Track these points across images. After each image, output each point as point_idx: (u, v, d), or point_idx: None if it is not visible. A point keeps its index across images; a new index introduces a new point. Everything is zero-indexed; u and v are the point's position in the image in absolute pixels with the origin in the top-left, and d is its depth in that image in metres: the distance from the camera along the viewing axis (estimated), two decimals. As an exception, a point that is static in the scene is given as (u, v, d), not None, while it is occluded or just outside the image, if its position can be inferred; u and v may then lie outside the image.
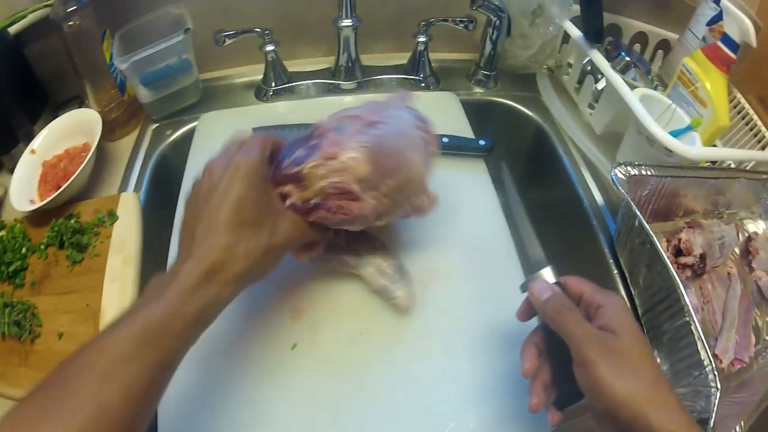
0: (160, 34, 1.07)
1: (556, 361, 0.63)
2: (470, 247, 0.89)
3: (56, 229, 0.98)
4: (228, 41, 1.08)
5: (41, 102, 1.22)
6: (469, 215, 0.91)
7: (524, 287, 0.67)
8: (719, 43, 0.96)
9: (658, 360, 0.78)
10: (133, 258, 0.95)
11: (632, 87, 0.96)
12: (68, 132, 1.13)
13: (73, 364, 0.52)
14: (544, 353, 0.65)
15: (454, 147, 1.00)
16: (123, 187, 1.09)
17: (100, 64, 1.12)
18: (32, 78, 1.19)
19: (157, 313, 0.54)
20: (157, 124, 1.21)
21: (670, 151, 0.88)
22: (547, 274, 0.65)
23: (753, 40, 0.92)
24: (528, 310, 0.68)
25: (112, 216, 1.01)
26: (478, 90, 1.20)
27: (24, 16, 1.10)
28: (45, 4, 1.10)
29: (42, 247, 0.99)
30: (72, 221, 1.00)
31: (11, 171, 1.08)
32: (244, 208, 0.62)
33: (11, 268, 0.96)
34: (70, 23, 1.01)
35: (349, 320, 0.82)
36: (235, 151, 0.66)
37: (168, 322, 0.55)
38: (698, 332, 0.72)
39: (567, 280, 0.65)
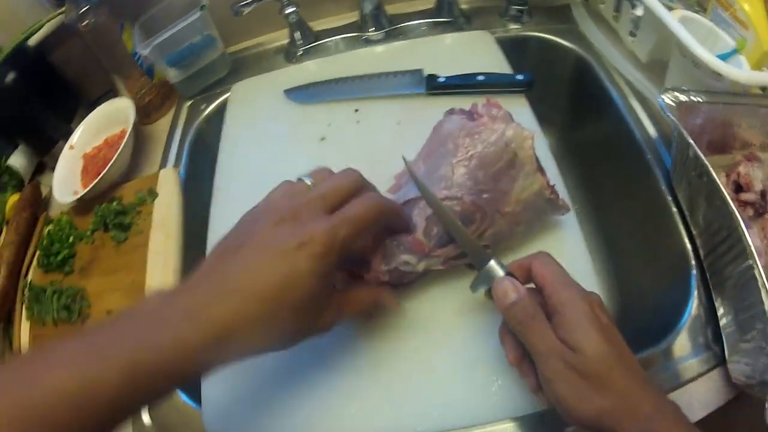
0: (179, 16, 1.06)
1: None
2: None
3: (100, 214, 0.99)
4: (246, 10, 1.05)
5: (74, 101, 1.24)
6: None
7: (476, 286, 0.60)
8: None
9: (721, 310, 0.70)
10: (175, 231, 0.95)
11: (669, 9, 0.90)
12: (104, 123, 1.14)
13: (39, 378, 0.42)
14: None
15: (490, 84, 0.94)
16: (163, 166, 1.09)
17: (123, 55, 1.12)
18: (62, 81, 1.21)
19: (149, 362, 0.44)
20: (190, 101, 1.20)
21: (718, 75, 0.80)
22: (495, 267, 0.58)
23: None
24: (515, 347, 0.58)
25: (152, 193, 1.00)
26: (512, 26, 1.15)
27: (40, 27, 1.13)
28: (59, 12, 1.13)
29: (88, 233, 0.99)
30: (114, 204, 1.00)
31: (53, 170, 1.10)
32: (286, 307, 0.49)
33: (59, 257, 0.98)
34: (84, 23, 1.02)
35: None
36: (344, 194, 0.55)
37: (158, 374, 0.44)
38: (762, 278, 0.62)
39: (532, 267, 0.57)
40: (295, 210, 0.52)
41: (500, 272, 0.57)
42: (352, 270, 0.64)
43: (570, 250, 0.73)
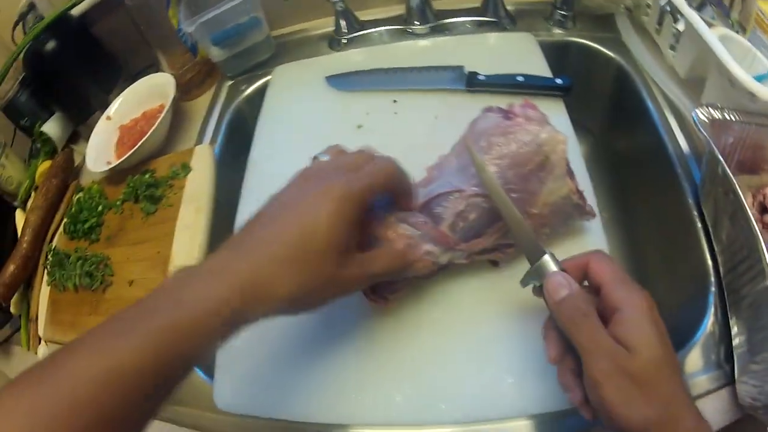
0: (226, -5, 1.07)
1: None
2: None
3: (132, 185, 1.01)
4: (294, -5, 1.07)
5: (115, 73, 1.26)
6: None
7: (527, 281, 0.59)
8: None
9: (736, 329, 0.69)
10: (206, 206, 0.95)
11: (709, 26, 0.89)
12: (144, 96, 1.16)
13: (68, 363, 0.43)
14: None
15: (529, 86, 0.95)
16: (199, 142, 1.10)
17: (167, 31, 1.14)
18: (103, 53, 1.23)
19: (176, 322, 0.45)
20: (231, 81, 1.21)
21: (753, 96, 0.79)
22: (549, 261, 0.57)
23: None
24: (558, 345, 0.56)
25: (186, 168, 1.01)
26: (556, 30, 1.14)
27: None
28: None
29: (118, 203, 1.01)
30: (147, 176, 1.02)
31: (87, 140, 1.12)
32: (311, 248, 0.51)
33: (87, 225, 1.00)
34: (131, -1, 1.03)
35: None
36: (361, 162, 0.58)
37: (186, 335, 0.46)
38: None
39: (590, 264, 0.55)
40: (317, 172, 0.56)
41: (554, 267, 0.56)
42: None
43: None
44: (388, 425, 0.67)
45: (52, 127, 1.20)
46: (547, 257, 0.57)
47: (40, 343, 0.95)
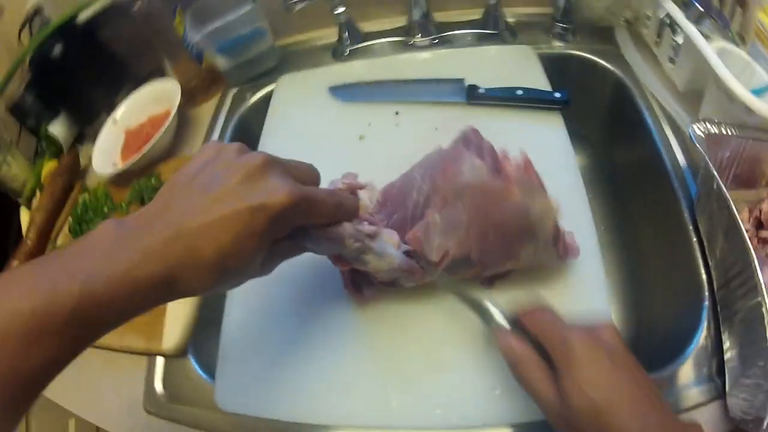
0: (232, 6, 1.09)
1: None
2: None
3: (137, 187, 1.03)
4: (297, 6, 1.08)
5: (121, 77, 1.27)
6: (543, 171, 0.74)
7: (489, 338, 0.65)
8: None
9: (728, 343, 0.70)
10: None
11: (708, 39, 0.90)
12: (150, 101, 1.18)
13: None
14: None
15: (527, 99, 0.96)
16: (203, 149, 1.10)
17: (173, 39, 1.15)
18: (110, 57, 1.24)
19: (97, 292, 0.44)
20: (236, 89, 1.22)
21: (750, 111, 0.80)
22: (497, 313, 0.61)
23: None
24: None
25: (190, 172, 1.02)
26: (556, 43, 1.16)
27: (91, 4, 1.15)
28: None
29: (123, 205, 1.03)
30: (152, 180, 1.04)
31: (93, 141, 1.14)
32: (234, 257, 0.50)
33: (92, 226, 1.02)
34: (137, 7, 1.06)
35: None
36: (292, 168, 0.57)
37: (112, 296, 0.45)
38: None
39: (526, 322, 0.59)
40: (260, 168, 0.52)
41: (504, 324, 0.60)
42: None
43: (587, 271, 0.75)
44: (385, 428, 0.68)
45: (57, 128, 1.22)
46: (496, 315, 0.61)
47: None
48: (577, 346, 0.52)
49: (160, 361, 0.84)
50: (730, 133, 0.81)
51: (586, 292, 0.67)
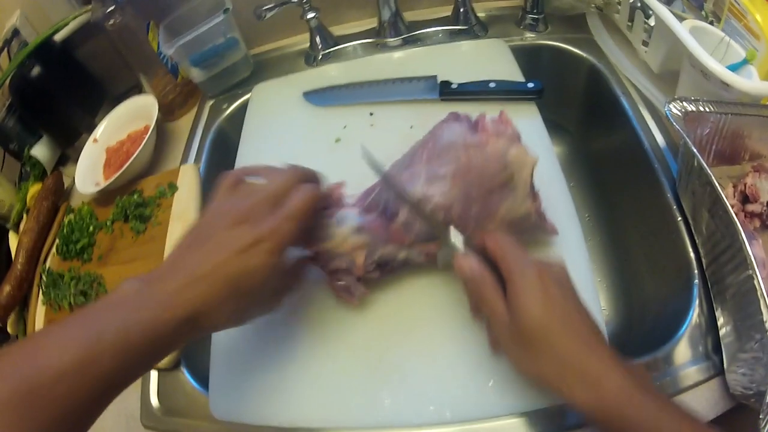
0: (204, 18, 1.09)
1: None
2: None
3: (120, 205, 1.02)
4: (268, 15, 1.08)
5: (99, 96, 1.28)
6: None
7: (441, 261, 0.68)
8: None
9: (722, 319, 0.71)
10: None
11: (681, 19, 0.90)
12: (128, 118, 1.18)
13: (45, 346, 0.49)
14: None
15: (501, 92, 0.96)
16: (184, 161, 1.12)
17: (149, 54, 1.15)
18: (87, 76, 1.25)
19: (135, 335, 0.51)
20: (212, 101, 1.23)
21: (727, 86, 0.80)
22: (456, 237, 0.63)
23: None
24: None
25: (173, 187, 1.03)
26: (528, 35, 1.16)
27: (66, 24, 1.16)
28: (85, 10, 1.17)
29: (108, 223, 1.03)
30: (135, 196, 1.03)
31: (76, 162, 1.13)
32: (245, 291, 0.57)
33: (78, 246, 1.01)
34: (111, 22, 1.06)
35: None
36: (278, 195, 0.61)
37: (141, 344, 0.51)
38: (761, 289, 0.63)
39: (486, 243, 0.61)
40: (248, 212, 0.59)
41: (461, 247, 0.62)
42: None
43: (572, 256, 0.74)
44: (380, 428, 0.68)
45: (40, 151, 1.21)
46: (454, 240, 0.63)
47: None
48: (530, 270, 0.56)
49: (154, 374, 0.84)
50: (707, 110, 0.81)
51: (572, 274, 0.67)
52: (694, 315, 0.73)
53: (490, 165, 0.66)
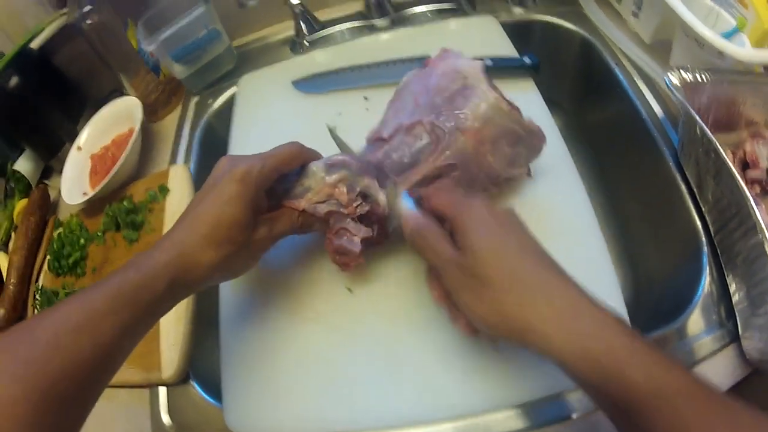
0: (183, 11, 1.06)
1: None
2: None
3: (110, 213, 0.99)
4: (251, 2, 1.06)
5: (80, 102, 1.25)
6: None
7: (390, 225, 0.69)
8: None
9: (734, 286, 0.70)
10: None
11: None
12: (112, 122, 1.14)
13: (49, 315, 0.51)
14: None
15: (497, 68, 0.93)
16: (172, 162, 1.09)
17: (128, 53, 1.12)
18: (67, 83, 1.22)
19: (133, 279, 0.54)
20: (197, 97, 1.20)
21: (721, 54, 0.81)
22: (403, 202, 0.64)
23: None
24: (438, 285, 0.61)
25: (164, 190, 1.00)
26: (517, 10, 1.14)
27: (42, 30, 1.13)
28: (61, 13, 1.14)
29: (99, 234, 1.00)
30: (125, 203, 1.00)
31: (61, 173, 1.10)
32: (222, 225, 0.60)
33: (71, 260, 0.98)
34: (89, 21, 1.02)
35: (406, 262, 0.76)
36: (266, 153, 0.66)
37: (141, 288, 0.54)
38: None
39: (428, 196, 0.62)
40: (233, 158, 0.64)
41: (407, 206, 0.63)
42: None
43: (584, 233, 0.74)
44: (398, 427, 0.67)
45: (23, 165, 1.19)
46: (401, 198, 0.65)
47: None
48: (476, 201, 0.56)
49: (162, 391, 0.81)
50: (705, 79, 0.81)
51: (584, 252, 0.66)
52: (706, 284, 0.73)
53: (443, 80, 0.71)
